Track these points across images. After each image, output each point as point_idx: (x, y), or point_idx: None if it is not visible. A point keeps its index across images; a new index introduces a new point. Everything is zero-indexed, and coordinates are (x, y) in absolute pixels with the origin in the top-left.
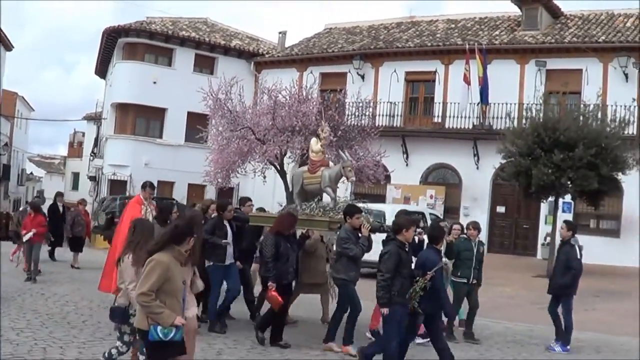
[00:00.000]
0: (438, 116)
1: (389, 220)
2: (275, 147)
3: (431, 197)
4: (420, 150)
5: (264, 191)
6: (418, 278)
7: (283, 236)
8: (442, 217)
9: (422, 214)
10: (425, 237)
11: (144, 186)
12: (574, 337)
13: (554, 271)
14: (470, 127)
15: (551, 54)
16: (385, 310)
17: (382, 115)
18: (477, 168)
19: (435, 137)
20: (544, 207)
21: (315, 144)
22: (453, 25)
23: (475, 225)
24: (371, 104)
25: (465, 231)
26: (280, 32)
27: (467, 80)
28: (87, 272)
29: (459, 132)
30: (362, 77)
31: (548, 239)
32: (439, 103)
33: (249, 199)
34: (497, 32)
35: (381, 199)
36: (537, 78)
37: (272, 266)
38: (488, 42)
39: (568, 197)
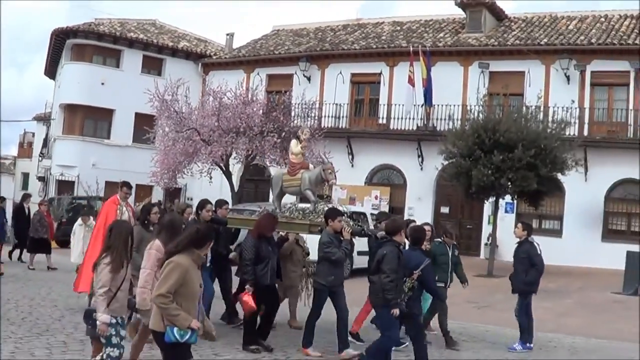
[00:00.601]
0: (383, 118)
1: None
2: (220, 148)
3: (376, 197)
4: (365, 151)
5: (211, 192)
6: (405, 279)
7: (265, 239)
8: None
9: (364, 214)
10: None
11: (120, 186)
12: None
13: (515, 270)
14: (415, 128)
15: (494, 56)
16: (396, 311)
17: (328, 116)
18: (422, 169)
19: (380, 138)
20: (487, 208)
21: (295, 146)
22: (399, 28)
23: (450, 232)
24: (316, 105)
25: (441, 236)
26: (227, 34)
27: (411, 82)
28: (35, 273)
29: (404, 133)
30: (309, 78)
31: (490, 239)
32: (384, 105)
33: (226, 202)
34: (441, 35)
35: (327, 198)
36: (480, 80)
37: (250, 269)
38: (432, 44)
39: (510, 198)
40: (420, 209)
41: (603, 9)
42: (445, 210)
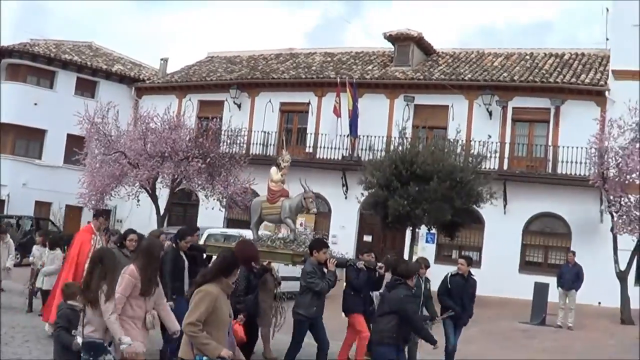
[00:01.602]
0: (310, 146)
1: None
2: (145, 171)
3: (301, 224)
4: (292, 179)
5: (139, 214)
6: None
7: (250, 269)
8: None
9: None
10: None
11: (96, 215)
12: None
13: (464, 305)
14: (340, 158)
15: (419, 90)
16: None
17: (257, 143)
18: (346, 198)
19: (306, 166)
20: (409, 237)
21: (275, 174)
22: (329, 59)
23: (426, 263)
24: (244, 132)
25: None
26: (162, 59)
27: (336, 112)
28: None
29: (329, 162)
30: (239, 106)
31: None
32: (311, 134)
33: (198, 228)
34: (370, 67)
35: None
36: (405, 112)
37: (243, 299)
38: (360, 76)
39: (426, 228)
40: (343, 237)
41: (528, 47)
42: (368, 239)
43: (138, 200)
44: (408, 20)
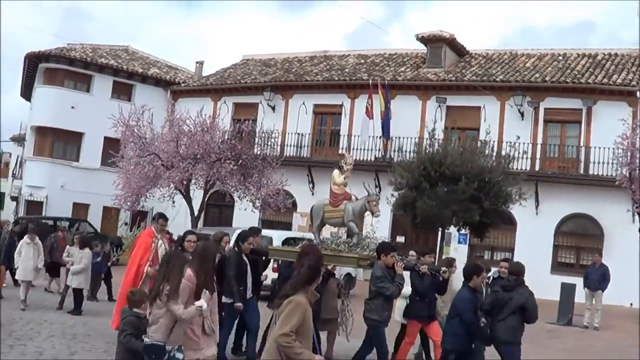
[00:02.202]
0: (343, 148)
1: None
2: (178, 173)
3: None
4: (325, 180)
5: (174, 215)
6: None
7: None
8: None
9: (310, 239)
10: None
11: (155, 218)
12: None
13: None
14: (373, 159)
15: (451, 91)
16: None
17: (290, 145)
18: (379, 198)
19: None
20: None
21: (337, 177)
22: (362, 61)
23: (454, 263)
24: (276, 134)
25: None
26: (197, 62)
27: (369, 114)
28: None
29: (362, 164)
30: (273, 108)
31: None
32: (345, 135)
33: (259, 230)
34: (402, 69)
35: (287, 226)
36: (437, 114)
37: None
38: (392, 77)
39: (463, 229)
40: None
41: (562, 48)
42: (401, 239)
43: (173, 202)
44: (447, 20)
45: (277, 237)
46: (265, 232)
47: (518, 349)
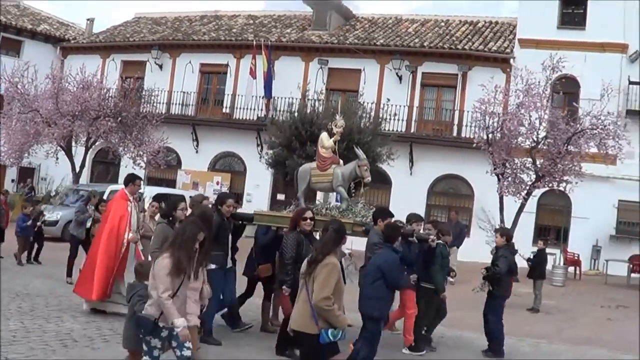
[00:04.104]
0: (227, 107)
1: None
2: (57, 130)
3: (217, 183)
4: (209, 139)
5: (59, 171)
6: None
7: (305, 235)
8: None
9: (182, 196)
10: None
11: (130, 180)
12: None
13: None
14: (255, 118)
15: (334, 54)
16: None
17: (176, 104)
18: (260, 157)
19: (223, 126)
20: (320, 195)
21: (326, 139)
22: (251, 21)
23: (448, 230)
24: (156, 92)
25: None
26: (88, 19)
27: (252, 74)
28: None
29: (245, 122)
30: (160, 66)
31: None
32: (229, 95)
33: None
34: (288, 30)
35: (172, 183)
36: (318, 75)
37: (290, 269)
38: (277, 39)
39: None
40: (258, 195)
41: (445, 15)
42: (281, 197)
43: (57, 159)
44: None
45: (147, 192)
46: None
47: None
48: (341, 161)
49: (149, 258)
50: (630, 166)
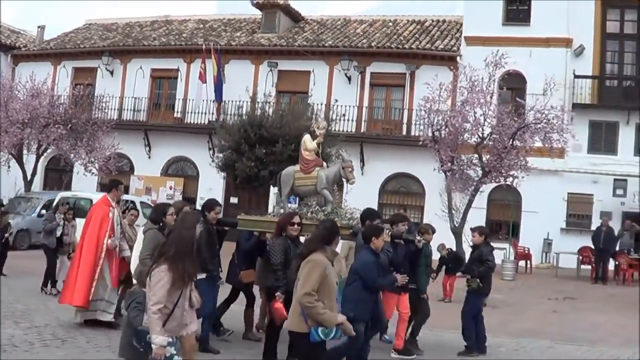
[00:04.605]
0: (178, 112)
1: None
2: (7, 137)
3: (170, 187)
4: (162, 144)
5: (9, 180)
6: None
7: (291, 240)
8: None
9: (133, 202)
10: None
11: (113, 185)
12: None
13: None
14: (207, 122)
15: (283, 56)
16: None
17: (128, 109)
18: (212, 161)
19: (175, 131)
20: (272, 198)
21: (309, 142)
22: (201, 26)
23: (429, 229)
24: (106, 98)
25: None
26: (39, 26)
27: (202, 78)
28: None
29: (197, 127)
30: (111, 72)
31: None
32: (180, 99)
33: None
34: (238, 34)
35: (125, 189)
36: (268, 78)
37: (282, 275)
38: (227, 43)
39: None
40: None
41: (393, 15)
42: (234, 200)
43: (9, 167)
44: None
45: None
46: (87, 195)
47: None
48: (324, 163)
49: (133, 264)
50: (578, 159)
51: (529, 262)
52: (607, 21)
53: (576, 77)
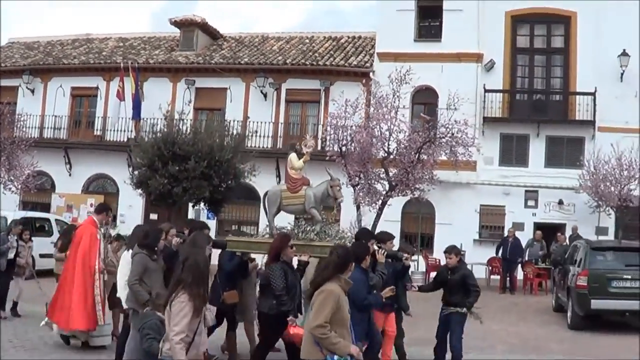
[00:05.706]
0: (98, 129)
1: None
2: None
3: (91, 205)
4: (82, 161)
5: None
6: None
7: (288, 265)
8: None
9: (48, 220)
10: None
11: (103, 209)
12: None
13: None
14: (126, 140)
15: (200, 74)
16: None
17: (48, 127)
18: (132, 178)
19: (95, 149)
20: (191, 214)
21: (295, 160)
22: (122, 44)
23: (408, 250)
24: (24, 117)
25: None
26: None
27: (119, 96)
28: None
29: (116, 144)
30: (32, 91)
31: None
32: (100, 117)
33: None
34: (156, 52)
35: (46, 207)
36: (185, 95)
37: (287, 299)
38: (145, 60)
39: (198, 205)
40: (130, 216)
41: (310, 31)
42: (154, 216)
43: None
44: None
45: (12, 217)
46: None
47: None
48: (311, 181)
49: (121, 289)
50: (490, 171)
51: None
52: (517, 36)
53: (487, 91)
